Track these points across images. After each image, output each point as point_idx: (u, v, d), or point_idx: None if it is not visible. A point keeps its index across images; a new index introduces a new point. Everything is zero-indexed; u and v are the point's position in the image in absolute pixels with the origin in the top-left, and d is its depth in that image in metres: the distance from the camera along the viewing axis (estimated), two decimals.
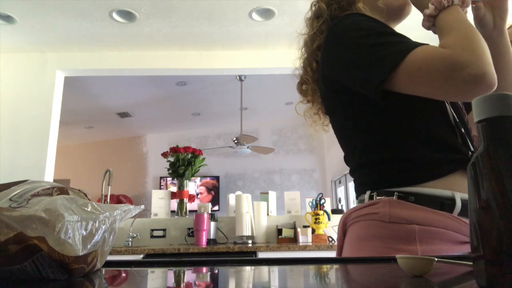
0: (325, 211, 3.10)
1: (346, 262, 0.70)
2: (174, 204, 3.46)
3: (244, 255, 2.73)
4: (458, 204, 0.78)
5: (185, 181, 3.44)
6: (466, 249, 0.78)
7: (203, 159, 3.61)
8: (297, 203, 3.38)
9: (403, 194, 0.80)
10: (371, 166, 0.86)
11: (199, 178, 7.42)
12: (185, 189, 3.43)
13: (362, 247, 0.83)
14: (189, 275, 0.59)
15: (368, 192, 0.86)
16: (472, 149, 0.84)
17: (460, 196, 0.78)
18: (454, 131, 0.84)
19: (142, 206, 0.60)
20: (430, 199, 0.78)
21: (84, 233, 0.47)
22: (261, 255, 2.78)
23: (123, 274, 0.59)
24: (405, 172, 0.82)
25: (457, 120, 0.86)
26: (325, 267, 0.64)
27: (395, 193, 0.80)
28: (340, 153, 0.96)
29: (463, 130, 0.85)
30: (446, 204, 0.78)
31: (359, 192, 0.91)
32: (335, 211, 3.40)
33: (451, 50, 0.70)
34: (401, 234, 0.77)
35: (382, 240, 0.79)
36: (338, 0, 0.96)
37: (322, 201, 3.14)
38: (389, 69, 0.74)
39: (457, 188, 0.79)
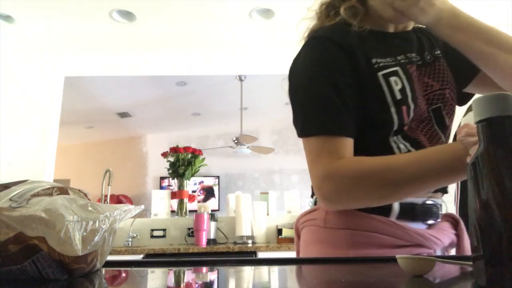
0: None
1: (346, 262, 0.70)
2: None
3: (244, 255, 2.73)
4: (395, 208, 0.77)
5: (185, 181, 3.44)
6: (400, 253, 0.76)
7: (203, 159, 3.60)
8: (297, 203, 3.38)
9: None
10: None
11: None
12: (185, 189, 3.43)
13: (308, 252, 0.86)
14: (189, 275, 0.59)
15: (313, 198, 0.89)
16: None
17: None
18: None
19: (142, 206, 0.60)
20: None
21: (84, 233, 0.47)
22: (261, 255, 2.78)
23: (123, 274, 0.59)
24: None
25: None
26: (325, 267, 0.64)
27: None
28: None
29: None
30: (382, 208, 0.77)
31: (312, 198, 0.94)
32: None
33: (337, 177, 0.72)
34: (335, 239, 0.79)
35: (321, 245, 0.81)
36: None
37: None
38: (299, 135, 0.79)
39: None
